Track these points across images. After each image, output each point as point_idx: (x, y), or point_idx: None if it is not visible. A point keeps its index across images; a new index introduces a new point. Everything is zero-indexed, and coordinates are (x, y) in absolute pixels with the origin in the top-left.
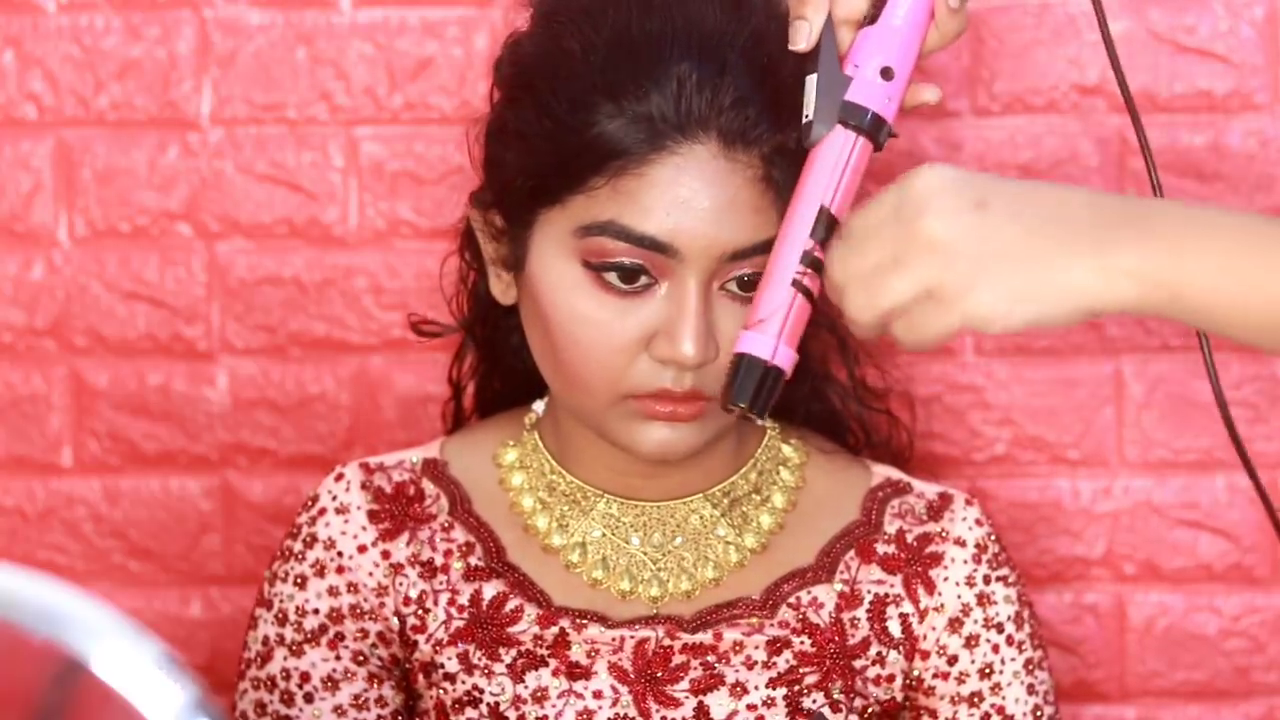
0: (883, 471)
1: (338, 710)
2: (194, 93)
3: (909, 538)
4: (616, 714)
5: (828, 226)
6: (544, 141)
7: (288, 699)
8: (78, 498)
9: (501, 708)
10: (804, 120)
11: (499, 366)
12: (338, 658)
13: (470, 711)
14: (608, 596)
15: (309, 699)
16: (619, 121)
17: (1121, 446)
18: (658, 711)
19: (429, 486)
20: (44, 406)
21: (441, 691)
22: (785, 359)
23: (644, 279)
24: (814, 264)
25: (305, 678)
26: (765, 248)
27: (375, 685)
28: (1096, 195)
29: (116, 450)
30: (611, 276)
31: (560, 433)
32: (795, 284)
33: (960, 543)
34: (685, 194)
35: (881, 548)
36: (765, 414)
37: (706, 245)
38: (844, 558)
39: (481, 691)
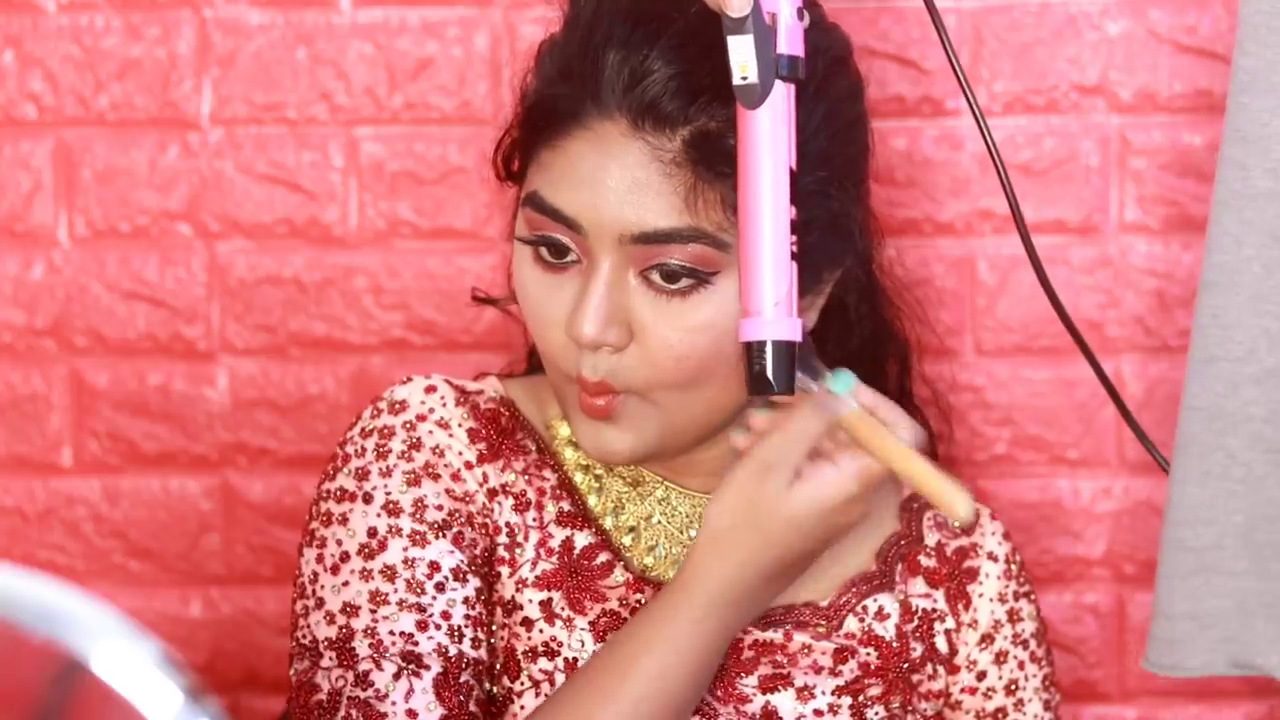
0: None
1: (467, 602)
2: (194, 93)
3: (948, 551)
4: None
5: (793, 185)
6: (515, 115)
7: (416, 588)
8: (78, 498)
9: (580, 664)
10: (741, 83)
11: None
12: (462, 552)
13: (545, 663)
14: (658, 584)
15: (440, 588)
16: (553, 98)
17: (1121, 446)
18: (728, 703)
19: (514, 421)
20: (44, 406)
21: (513, 636)
22: (801, 331)
23: (571, 255)
24: (793, 228)
25: (435, 566)
26: (677, 236)
27: (487, 587)
28: None
29: (116, 450)
30: (544, 250)
31: None
32: (793, 256)
33: (993, 558)
34: (590, 169)
35: (925, 560)
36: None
37: (609, 223)
38: (896, 568)
39: (561, 644)
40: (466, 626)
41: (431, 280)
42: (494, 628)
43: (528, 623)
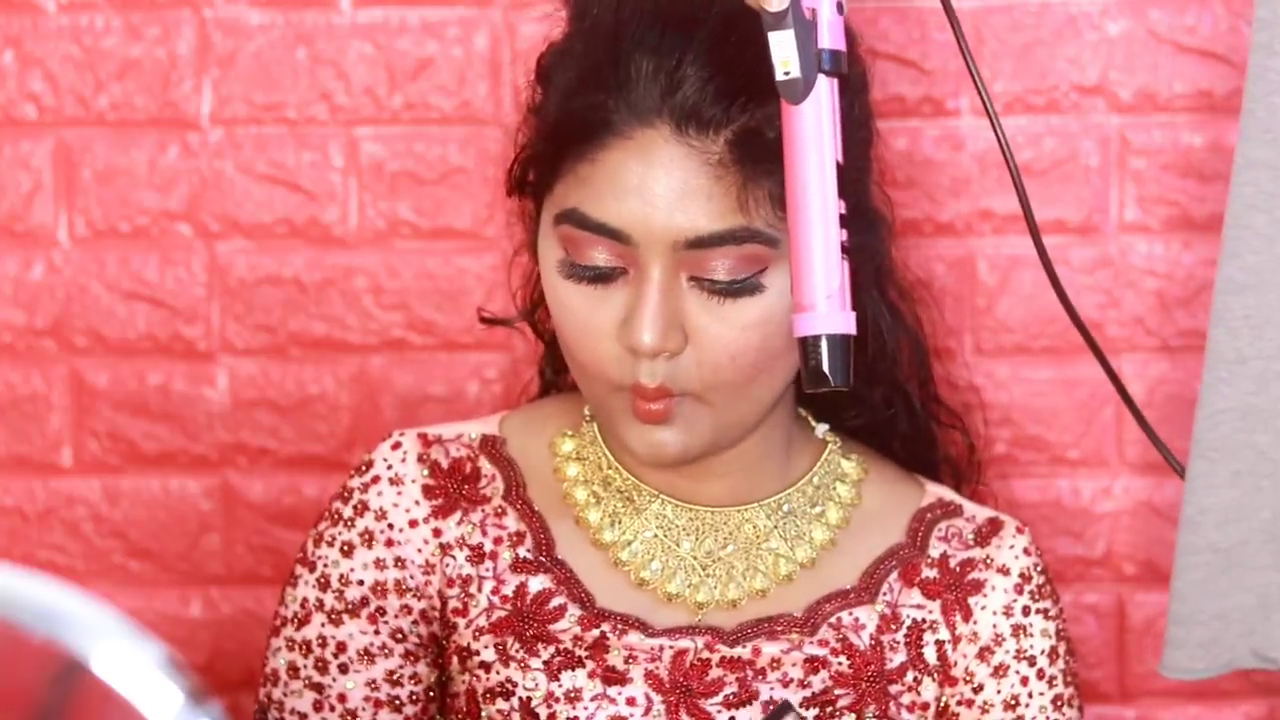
0: (936, 491)
1: (370, 684)
2: (194, 93)
3: (952, 563)
4: None
5: (840, 180)
6: (537, 129)
7: (321, 666)
8: (78, 498)
9: (533, 703)
10: (784, 79)
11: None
12: (376, 632)
13: (501, 703)
14: (653, 599)
15: (343, 670)
16: (583, 109)
17: (1121, 446)
18: None
19: (485, 466)
20: (44, 406)
21: (474, 679)
22: (854, 325)
23: (615, 267)
24: (843, 221)
25: (341, 647)
26: (731, 238)
27: (410, 663)
28: None
29: (116, 450)
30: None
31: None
32: (844, 250)
33: (1004, 571)
34: (635, 180)
35: (925, 571)
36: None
37: (661, 231)
38: (888, 579)
39: (515, 685)
40: (364, 708)
41: (431, 280)
42: (455, 674)
43: (485, 666)
